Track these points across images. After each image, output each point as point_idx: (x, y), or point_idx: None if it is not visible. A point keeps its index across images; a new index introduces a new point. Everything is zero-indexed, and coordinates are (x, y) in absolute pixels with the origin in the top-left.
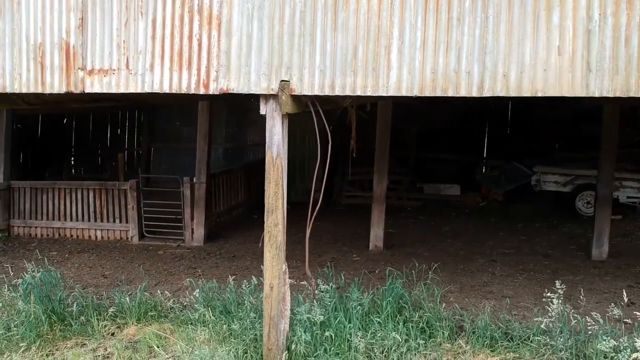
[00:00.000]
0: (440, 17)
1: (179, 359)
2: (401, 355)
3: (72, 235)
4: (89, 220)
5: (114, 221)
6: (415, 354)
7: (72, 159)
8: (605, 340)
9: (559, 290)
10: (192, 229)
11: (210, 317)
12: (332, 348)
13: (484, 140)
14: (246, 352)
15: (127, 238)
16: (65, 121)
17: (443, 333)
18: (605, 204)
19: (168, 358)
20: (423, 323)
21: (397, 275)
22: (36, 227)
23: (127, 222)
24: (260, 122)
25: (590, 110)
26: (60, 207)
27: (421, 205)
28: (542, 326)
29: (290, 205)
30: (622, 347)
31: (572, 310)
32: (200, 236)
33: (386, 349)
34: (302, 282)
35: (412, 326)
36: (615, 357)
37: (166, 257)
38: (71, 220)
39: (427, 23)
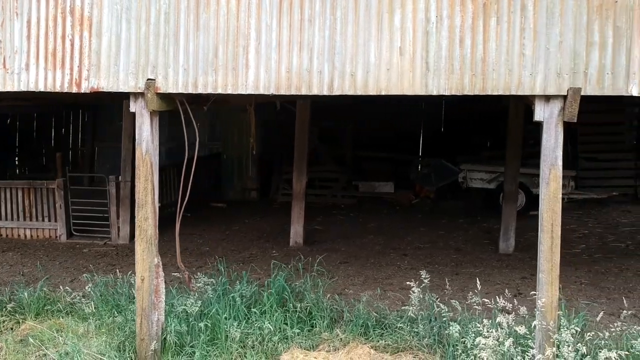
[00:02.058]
0: (293, 18)
1: (59, 351)
2: (275, 344)
3: (0, 235)
4: (18, 219)
5: (43, 220)
6: (290, 343)
7: (17, 158)
8: (452, 325)
9: (425, 280)
10: (118, 227)
11: (93, 310)
12: (208, 338)
13: (419, 139)
14: (123, 343)
15: (56, 237)
16: (9, 121)
17: (322, 323)
18: (511, 199)
19: (57, 351)
20: (303, 313)
21: (283, 269)
22: None
23: (55, 220)
24: (201, 121)
25: None
26: None
27: (355, 203)
28: (409, 314)
29: (227, 203)
30: (470, 332)
31: (438, 299)
32: (126, 234)
33: (261, 338)
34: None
35: (288, 316)
36: (464, 341)
37: (90, 255)
38: (0, 219)
39: (281, 24)
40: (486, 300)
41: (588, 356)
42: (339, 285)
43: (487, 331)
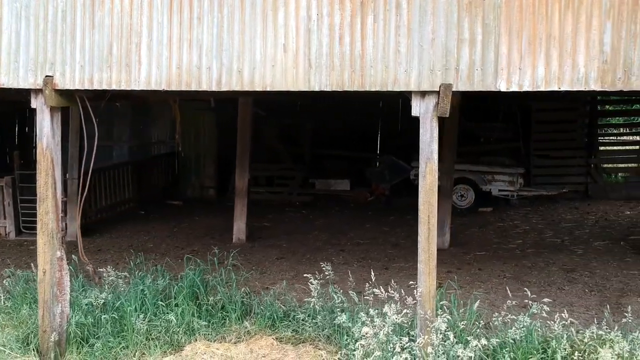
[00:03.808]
0: (183, 16)
1: None
2: (180, 336)
3: None
4: None
5: None
6: (196, 335)
7: None
8: (340, 316)
9: (327, 273)
10: (66, 224)
11: (3, 304)
12: (116, 330)
13: (377, 137)
14: (29, 336)
15: (5, 234)
16: None
17: (232, 315)
18: (446, 195)
19: None
20: (216, 307)
21: (200, 263)
22: None
23: (4, 218)
24: (162, 119)
25: (468, 108)
26: None
27: (311, 201)
28: (314, 306)
29: (185, 201)
30: (358, 321)
31: (341, 291)
32: (73, 231)
33: (166, 330)
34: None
35: (196, 309)
36: (352, 329)
37: (35, 251)
38: None
39: (172, 22)
40: (402, 292)
41: (460, 344)
42: (269, 279)
43: (371, 321)
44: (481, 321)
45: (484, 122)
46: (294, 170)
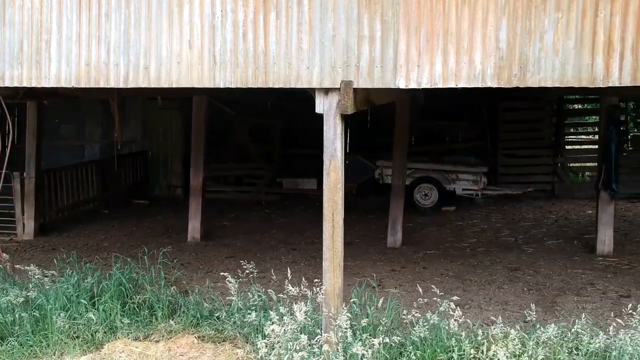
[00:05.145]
0: (91, 13)
1: None
2: (101, 334)
3: None
4: None
5: None
6: (118, 333)
7: None
8: (250, 314)
9: (252, 272)
10: (24, 223)
11: None
12: (38, 328)
13: (346, 136)
14: None
15: None
16: None
17: (159, 314)
18: (398, 194)
19: None
20: (143, 305)
21: (131, 262)
22: None
23: None
24: (134, 119)
25: (433, 107)
26: None
27: (278, 200)
28: (238, 305)
29: (153, 200)
30: (270, 318)
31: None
32: (31, 230)
33: (87, 329)
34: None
35: (120, 308)
36: (263, 324)
37: None
38: None
39: (81, 19)
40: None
41: (360, 341)
42: (213, 278)
43: (279, 319)
44: (386, 319)
45: (450, 121)
46: (263, 170)
